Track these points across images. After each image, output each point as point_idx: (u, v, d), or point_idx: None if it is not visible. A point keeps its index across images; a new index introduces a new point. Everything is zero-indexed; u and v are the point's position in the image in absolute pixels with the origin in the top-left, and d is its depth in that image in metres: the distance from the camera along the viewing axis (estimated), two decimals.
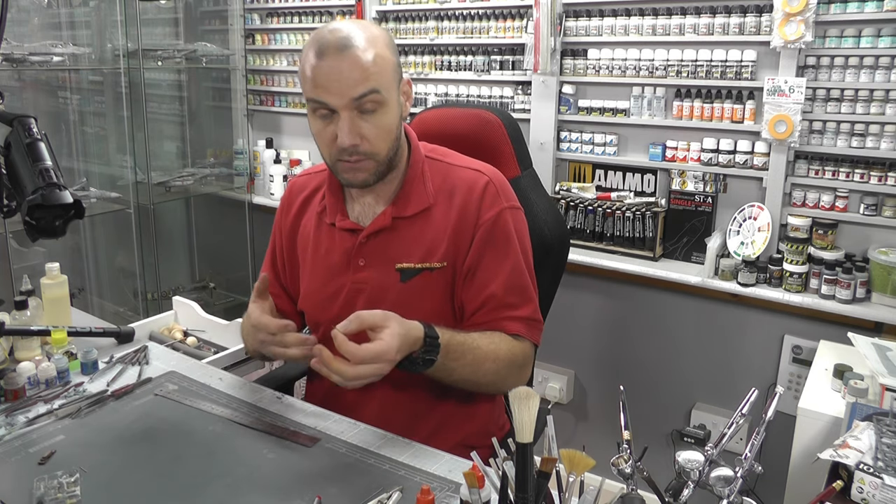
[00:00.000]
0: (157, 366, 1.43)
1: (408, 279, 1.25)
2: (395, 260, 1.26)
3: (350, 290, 1.29)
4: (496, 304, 1.25)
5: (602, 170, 2.49)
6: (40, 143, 1.11)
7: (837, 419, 1.52)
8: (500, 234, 1.25)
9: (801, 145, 2.09)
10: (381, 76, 1.14)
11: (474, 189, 1.26)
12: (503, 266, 1.25)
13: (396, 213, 1.26)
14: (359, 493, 1.01)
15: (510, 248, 1.26)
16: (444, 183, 1.28)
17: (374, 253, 1.28)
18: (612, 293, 2.48)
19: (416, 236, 1.26)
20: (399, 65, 1.21)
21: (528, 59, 2.47)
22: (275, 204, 3.21)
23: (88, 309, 2.87)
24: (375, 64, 1.14)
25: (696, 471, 0.89)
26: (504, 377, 1.23)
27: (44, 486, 1.00)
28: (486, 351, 1.20)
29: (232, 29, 3.28)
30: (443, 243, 1.25)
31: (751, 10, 2.12)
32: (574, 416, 2.67)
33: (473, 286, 1.26)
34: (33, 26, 2.87)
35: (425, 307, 1.24)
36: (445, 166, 1.31)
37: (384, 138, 1.19)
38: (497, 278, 1.24)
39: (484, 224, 1.24)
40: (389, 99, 1.17)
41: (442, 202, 1.27)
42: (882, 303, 1.98)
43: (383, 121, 1.17)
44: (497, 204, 1.26)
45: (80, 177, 2.92)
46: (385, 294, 1.26)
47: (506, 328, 1.25)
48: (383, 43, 1.17)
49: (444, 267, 1.25)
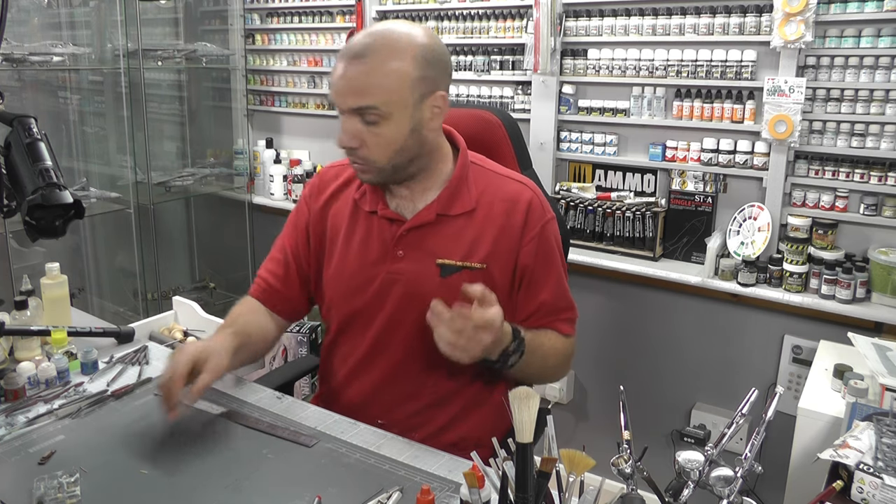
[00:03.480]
0: (157, 366, 1.43)
1: (448, 275, 1.27)
2: (436, 255, 1.28)
3: (384, 279, 1.30)
4: (548, 310, 1.34)
5: (602, 170, 2.49)
6: (40, 143, 1.11)
7: (837, 419, 1.52)
8: (546, 247, 1.32)
9: (801, 145, 2.09)
10: (386, 92, 1.16)
11: (520, 201, 1.30)
12: (551, 275, 1.33)
13: (441, 211, 1.29)
14: (359, 493, 1.01)
15: (555, 258, 1.34)
16: (486, 189, 1.32)
17: (414, 245, 1.30)
18: (612, 293, 2.48)
19: (458, 235, 1.29)
20: (427, 79, 1.19)
21: (528, 59, 2.47)
22: (275, 204, 3.22)
23: (88, 309, 2.87)
24: (380, 82, 1.15)
25: (696, 471, 0.89)
26: (561, 370, 1.40)
27: (44, 486, 1.00)
28: (548, 347, 1.32)
29: (232, 29, 3.28)
30: (484, 246, 1.28)
31: (751, 10, 2.12)
32: (574, 416, 2.67)
33: (526, 295, 1.32)
34: (33, 26, 2.87)
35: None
36: (489, 174, 1.35)
37: (384, 148, 1.20)
38: (547, 287, 1.33)
39: (533, 238, 1.30)
40: (394, 113, 1.17)
41: (484, 207, 1.30)
42: (882, 303, 1.98)
43: (384, 133, 1.19)
44: (542, 218, 1.32)
45: (80, 177, 2.92)
46: (423, 287, 1.27)
47: (559, 329, 1.35)
48: (411, 56, 1.16)
49: (484, 269, 1.28)
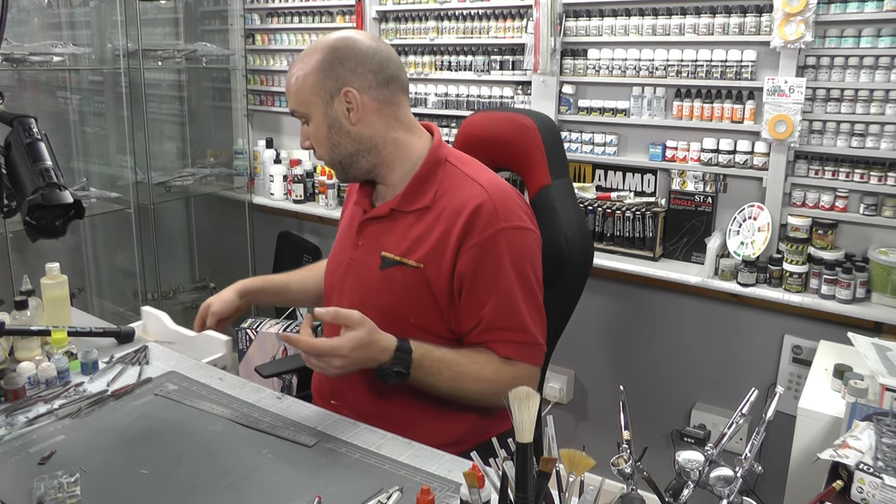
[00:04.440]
0: (157, 366, 1.43)
1: (386, 267, 1.31)
2: (384, 248, 1.32)
3: (347, 265, 1.39)
4: (486, 327, 1.27)
5: (602, 170, 2.49)
6: (40, 143, 1.11)
7: (837, 419, 1.52)
8: (492, 258, 1.25)
9: (801, 145, 2.09)
10: (297, 96, 1.31)
11: (467, 206, 1.25)
12: (496, 289, 1.26)
13: (396, 206, 1.33)
14: (359, 493, 1.01)
15: (503, 271, 1.26)
16: (448, 189, 1.30)
17: (370, 236, 1.36)
18: (612, 293, 2.48)
19: (405, 232, 1.31)
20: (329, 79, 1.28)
21: (528, 59, 2.47)
22: (275, 204, 3.23)
23: (88, 309, 2.87)
24: (293, 87, 1.31)
25: (696, 471, 0.89)
26: (490, 397, 1.24)
27: (44, 486, 1.00)
28: (468, 371, 1.24)
29: (232, 29, 3.28)
30: (425, 246, 1.28)
31: (751, 10, 2.12)
32: (574, 416, 2.67)
33: (469, 305, 1.27)
34: (33, 26, 2.86)
35: (407, 300, 1.29)
36: (459, 175, 1.32)
37: (321, 144, 1.33)
38: (490, 301, 1.25)
39: (474, 247, 1.24)
40: (311, 113, 1.30)
41: (438, 207, 1.29)
42: (882, 303, 1.98)
43: (313, 132, 1.32)
44: (492, 226, 1.25)
45: (80, 177, 2.92)
46: (366, 276, 1.34)
47: (497, 350, 1.27)
48: (314, 60, 1.29)
49: (421, 269, 1.27)
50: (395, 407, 1.31)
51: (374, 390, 1.32)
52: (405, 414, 1.30)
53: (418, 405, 1.30)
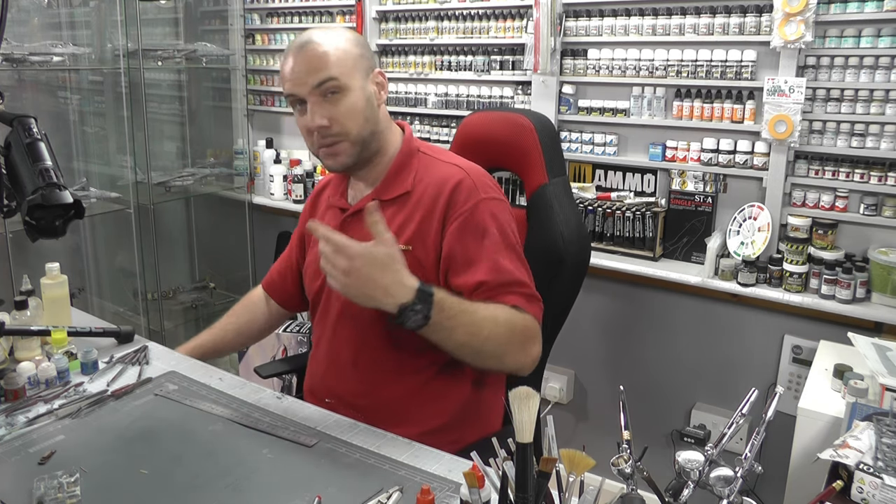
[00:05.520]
0: (157, 366, 1.43)
1: None
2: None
3: None
4: (489, 287, 1.27)
5: (602, 170, 2.49)
6: (40, 143, 1.11)
7: (837, 419, 1.52)
8: (476, 224, 1.29)
9: (801, 145, 2.09)
10: (338, 65, 1.27)
11: (448, 182, 1.32)
12: (486, 252, 1.28)
13: (377, 196, 1.35)
14: (359, 493, 1.01)
15: (490, 235, 1.29)
16: (425, 174, 1.36)
17: (353, 231, 1.34)
18: (612, 293, 2.48)
19: (390, 219, 1.32)
20: (365, 57, 1.33)
21: (528, 59, 2.47)
22: (275, 204, 3.23)
23: (88, 309, 2.87)
24: (332, 55, 1.27)
25: (696, 471, 0.89)
26: (505, 344, 1.23)
27: (44, 486, 1.00)
28: (485, 314, 1.21)
29: (232, 29, 3.28)
30: (410, 228, 1.32)
31: (751, 10, 2.12)
32: (574, 416, 2.67)
33: (464, 276, 1.28)
34: (33, 26, 2.86)
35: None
36: (433, 161, 1.38)
37: (352, 118, 1.29)
38: (483, 266, 1.27)
39: (459, 216, 1.29)
40: (350, 84, 1.28)
41: (418, 192, 1.34)
42: (882, 303, 1.98)
43: (347, 103, 1.29)
44: (473, 197, 1.30)
45: (80, 177, 2.92)
46: None
47: (505, 301, 1.26)
48: (345, 39, 1.31)
49: (410, 251, 1.29)
50: (389, 397, 1.34)
51: (367, 384, 1.35)
52: (399, 402, 1.34)
53: (411, 391, 1.34)
